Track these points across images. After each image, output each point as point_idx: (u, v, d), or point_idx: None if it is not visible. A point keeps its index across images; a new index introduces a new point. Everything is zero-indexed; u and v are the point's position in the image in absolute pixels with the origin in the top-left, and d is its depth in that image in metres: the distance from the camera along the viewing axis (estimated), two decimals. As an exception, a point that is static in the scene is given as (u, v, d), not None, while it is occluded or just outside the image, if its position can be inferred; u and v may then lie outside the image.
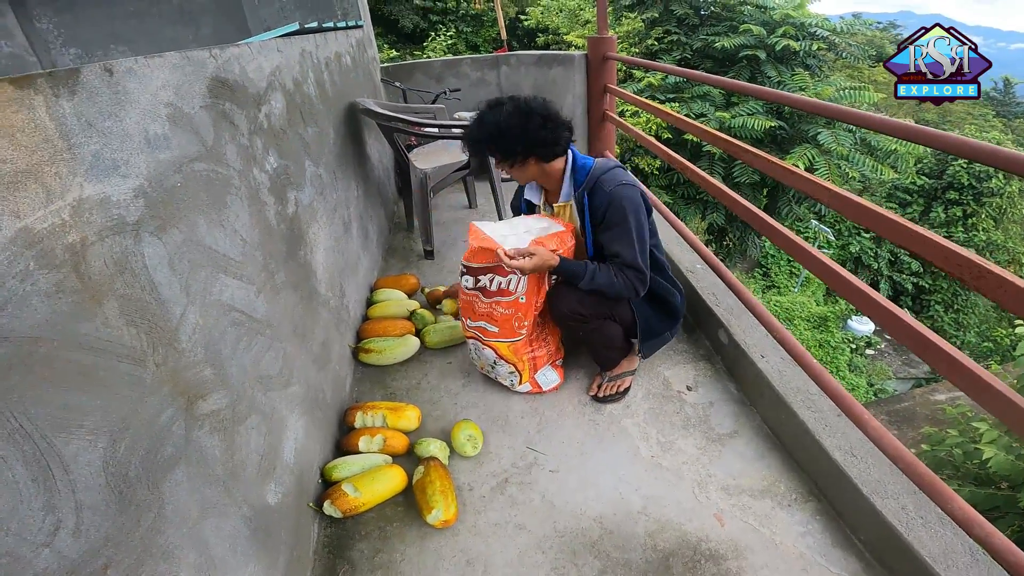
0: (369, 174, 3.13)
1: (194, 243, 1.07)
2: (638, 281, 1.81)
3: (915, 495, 1.41)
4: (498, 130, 1.78)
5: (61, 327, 0.73)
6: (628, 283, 1.81)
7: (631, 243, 1.79)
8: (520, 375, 2.04)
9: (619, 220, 1.79)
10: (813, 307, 12.63)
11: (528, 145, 1.81)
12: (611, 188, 1.80)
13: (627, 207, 1.79)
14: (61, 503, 0.71)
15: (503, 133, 1.78)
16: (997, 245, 15.10)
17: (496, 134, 1.79)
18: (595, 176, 1.84)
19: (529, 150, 1.83)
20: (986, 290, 1.04)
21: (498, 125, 1.78)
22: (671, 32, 11.52)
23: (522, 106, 1.80)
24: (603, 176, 1.83)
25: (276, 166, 1.59)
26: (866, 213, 1.38)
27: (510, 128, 1.77)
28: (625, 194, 1.80)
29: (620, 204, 1.79)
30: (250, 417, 1.24)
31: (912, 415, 9.66)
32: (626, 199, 1.79)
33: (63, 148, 0.76)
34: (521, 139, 1.79)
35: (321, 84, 2.29)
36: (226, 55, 1.33)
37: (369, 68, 3.90)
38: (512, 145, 1.81)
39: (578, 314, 1.91)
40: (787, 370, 1.87)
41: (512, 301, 1.89)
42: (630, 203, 1.80)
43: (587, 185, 1.85)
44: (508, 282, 1.88)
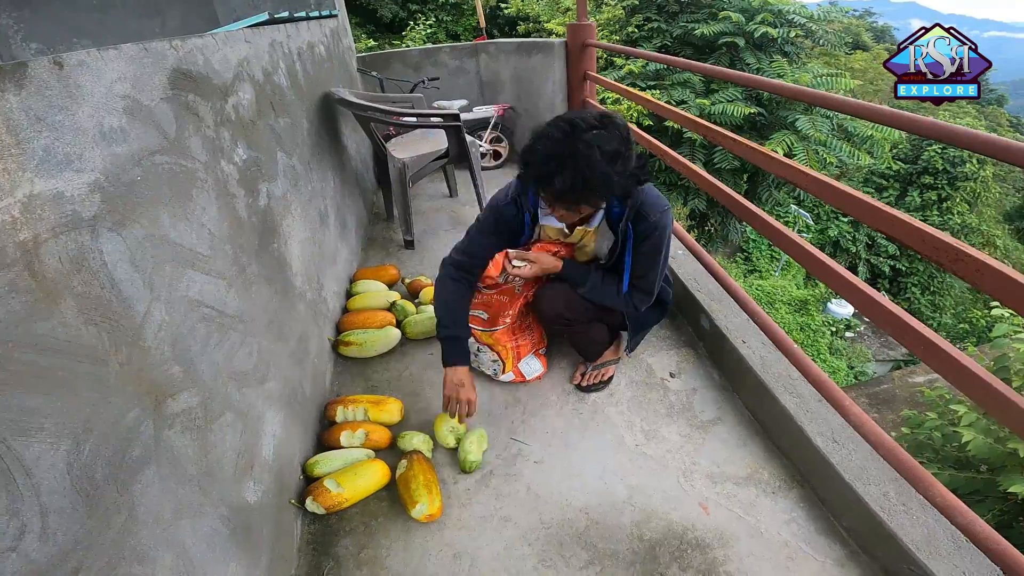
0: (346, 164, 3.08)
1: (157, 238, 1.03)
2: (643, 304, 1.80)
3: (897, 481, 1.42)
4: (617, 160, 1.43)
5: (15, 328, 0.70)
6: (630, 303, 1.78)
7: (657, 272, 1.74)
8: (503, 363, 2.02)
9: (656, 249, 1.70)
10: (794, 291, 12.76)
11: (635, 176, 1.51)
12: (656, 218, 1.64)
13: (666, 238, 1.69)
14: (25, 507, 0.69)
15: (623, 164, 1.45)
16: (972, 228, 15.37)
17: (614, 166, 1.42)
18: (636, 203, 1.64)
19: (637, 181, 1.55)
20: (963, 273, 1.04)
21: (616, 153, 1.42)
22: (651, 19, 11.51)
23: (623, 125, 1.47)
24: (646, 202, 1.64)
25: (246, 158, 1.55)
26: (845, 198, 1.38)
27: (625, 153, 1.45)
28: (667, 222, 1.67)
29: (662, 234, 1.67)
30: (224, 415, 1.21)
31: (892, 397, 9.81)
32: (666, 228, 1.67)
33: (11, 143, 0.72)
34: (632, 169, 1.48)
35: (293, 74, 2.24)
36: (188, 46, 1.29)
37: (344, 58, 3.85)
38: (627, 178, 1.48)
39: (563, 318, 1.89)
40: (769, 355, 1.87)
41: (508, 288, 1.88)
42: (666, 232, 1.68)
43: (630, 214, 1.65)
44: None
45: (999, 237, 16.46)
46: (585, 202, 1.51)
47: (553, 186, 1.43)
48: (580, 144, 1.38)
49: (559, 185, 1.42)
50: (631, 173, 1.47)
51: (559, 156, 1.40)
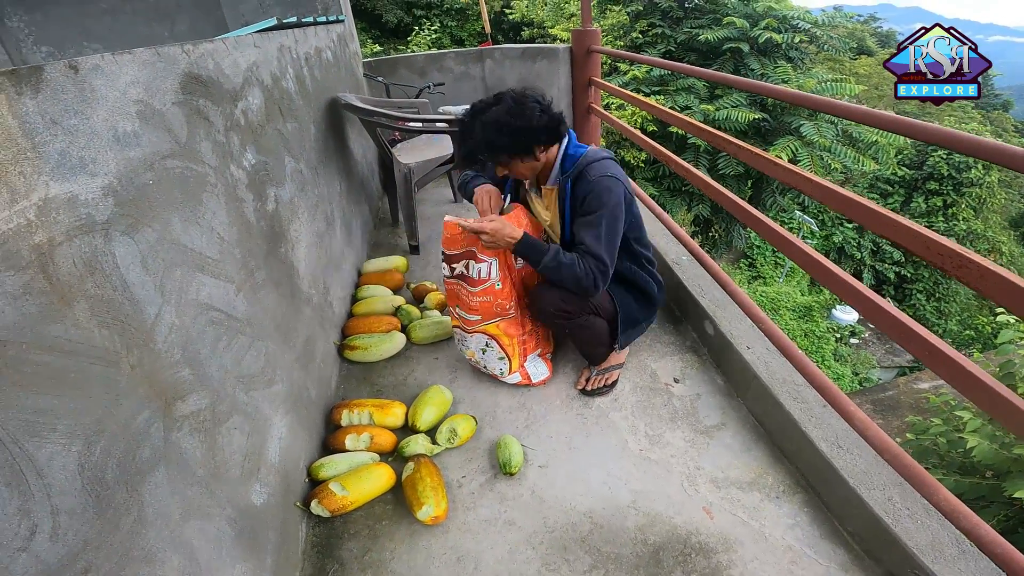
0: (352, 169, 3.10)
1: (168, 242, 1.05)
2: (598, 272, 1.76)
3: (901, 486, 1.42)
4: (502, 127, 1.69)
5: (29, 329, 0.71)
6: (588, 271, 1.75)
7: (599, 234, 1.76)
8: (510, 361, 2.02)
9: (594, 209, 1.76)
10: (798, 297, 12.72)
11: (535, 133, 1.72)
12: (595, 178, 1.76)
13: (604, 199, 1.75)
14: (36, 507, 0.70)
15: (510, 129, 1.69)
16: (977, 234, 15.30)
17: (502, 132, 1.69)
18: (583, 164, 1.80)
19: (536, 139, 1.74)
20: (967, 279, 1.04)
21: (499, 122, 1.69)
22: (655, 25, 11.55)
23: (517, 97, 1.73)
24: (590, 165, 1.79)
25: (254, 162, 1.57)
26: (849, 204, 1.38)
27: (514, 121, 1.69)
28: (606, 185, 1.75)
29: (599, 195, 1.75)
30: (232, 417, 1.22)
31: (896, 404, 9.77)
32: (606, 191, 1.75)
33: (27, 147, 0.74)
34: (528, 130, 1.70)
35: (301, 79, 2.25)
36: (199, 51, 1.30)
37: (351, 63, 3.87)
38: (521, 138, 1.72)
39: (562, 311, 1.89)
40: (773, 361, 1.87)
41: (489, 288, 1.88)
42: (609, 195, 1.75)
43: (573, 172, 1.81)
44: (482, 269, 1.86)
45: (1004, 243, 16.38)
46: (492, 161, 1.81)
47: (460, 153, 1.84)
48: (475, 122, 1.73)
49: (460, 155, 1.84)
50: (526, 133, 1.71)
51: (462, 134, 1.79)
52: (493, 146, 1.72)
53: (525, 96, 1.74)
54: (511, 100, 1.72)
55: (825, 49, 11.00)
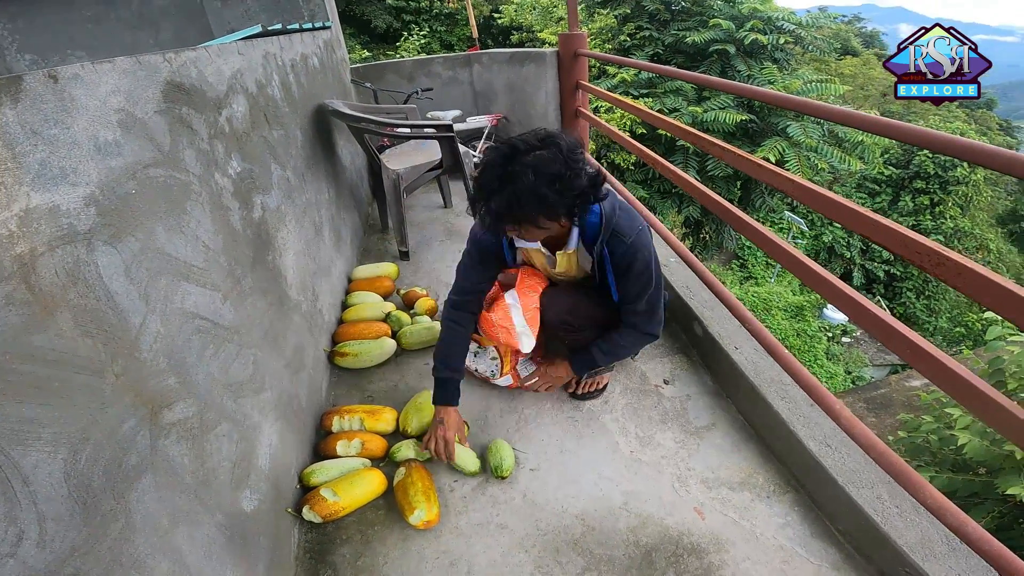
0: (340, 176, 3.10)
1: (152, 251, 1.04)
2: (654, 324, 1.81)
3: (890, 484, 1.43)
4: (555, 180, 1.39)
5: (12, 339, 0.71)
6: (641, 334, 1.82)
7: (651, 291, 1.72)
8: (502, 362, 2.03)
9: (643, 270, 1.67)
10: (790, 297, 12.78)
11: (584, 195, 1.47)
12: (632, 239, 1.63)
13: (649, 258, 1.67)
14: (22, 514, 0.70)
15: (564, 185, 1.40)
16: (965, 232, 15.43)
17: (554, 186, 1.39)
18: (611, 224, 1.62)
19: (584, 198, 1.48)
20: (946, 277, 1.06)
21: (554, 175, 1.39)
22: (643, 28, 11.61)
23: (571, 145, 1.43)
24: (620, 224, 1.63)
25: (240, 170, 1.56)
26: (830, 204, 1.40)
27: (566, 174, 1.40)
28: (644, 242, 1.65)
29: (644, 255, 1.65)
30: (220, 425, 1.22)
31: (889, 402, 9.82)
32: (645, 249, 1.65)
33: (7, 157, 0.74)
34: (578, 188, 1.43)
35: (287, 86, 2.25)
36: (181, 59, 1.30)
37: (338, 69, 3.87)
38: (567, 197, 1.43)
39: (568, 324, 1.89)
40: (761, 361, 1.88)
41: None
42: (649, 253, 1.67)
43: (605, 235, 1.63)
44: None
45: (992, 240, 16.52)
46: (527, 222, 1.47)
47: (491, 207, 1.44)
48: (518, 166, 1.39)
49: (495, 206, 1.43)
50: (578, 192, 1.44)
51: (498, 179, 1.41)
52: (543, 200, 1.40)
53: (574, 144, 1.45)
54: (566, 147, 1.42)
55: (810, 50, 11.10)
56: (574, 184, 1.41)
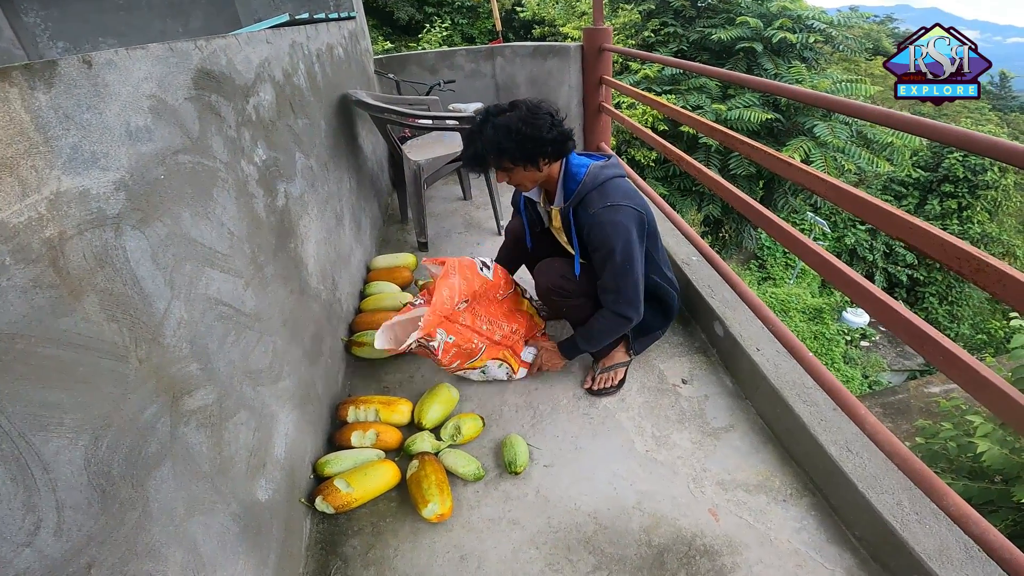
0: (362, 166, 3.10)
1: (179, 236, 1.05)
2: (625, 306, 1.83)
3: (910, 491, 1.40)
4: (512, 132, 1.69)
5: (39, 323, 0.72)
6: (615, 316, 1.86)
7: (615, 273, 1.78)
8: (510, 364, 2.04)
9: (600, 247, 1.77)
10: (808, 299, 12.64)
11: (543, 144, 1.72)
12: (596, 210, 1.75)
13: (610, 234, 1.74)
14: (41, 502, 0.70)
15: (519, 136, 1.69)
16: (992, 238, 15.13)
17: (511, 137, 1.69)
18: (583, 191, 1.79)
19: (543, 150, 1.74)
20: (985, 284, 1.03)
21: (510, 127, 1.69)
22: (668, 24, 11.49)
23: (532, 107, 1.73)
24: (591, 194, 1.79)
25: (265, 158, 1.57)
26: (864, 205, 1.37)
27: (524, 129, 1.69)
28: (609, 219, 1.74)
29: (604, 232, 1.75)
30: (239, 413, 1.23)
31: (907, 407, 9.70)
32: (610, 226, 1.74)
33: (39, 141, 0.74)
34: (537, 140, 1.71)
35: (312, 76, 2.26)
36: (212, 47, 1.31)
37: (362, 60, 3.87)
38: (528, 147, 1.71)
39: (561, 288, 1.94)
40: (783, 363, 1.86)
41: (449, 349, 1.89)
42: (615, 230, 1.74)
43: (574, 200, 1.81)
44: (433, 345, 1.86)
45: (1020, 247, 16.18)
46: (495, 165, 1.79)
47: (466, 156, 1.81)
48: (487, 125, 1.73)
49: (466, 155, 1.81)
50: (535, 142, 1.71)
51: (470, 135, 1.79)
52: (500, 149, 1.72)
53: (539, 107, 1.74)
54: (525, 108, 1.73)
55: (840, 50, 10.91)
56: (529, 135, 1.69)
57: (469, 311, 1.97)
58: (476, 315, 1.98)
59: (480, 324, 1.97)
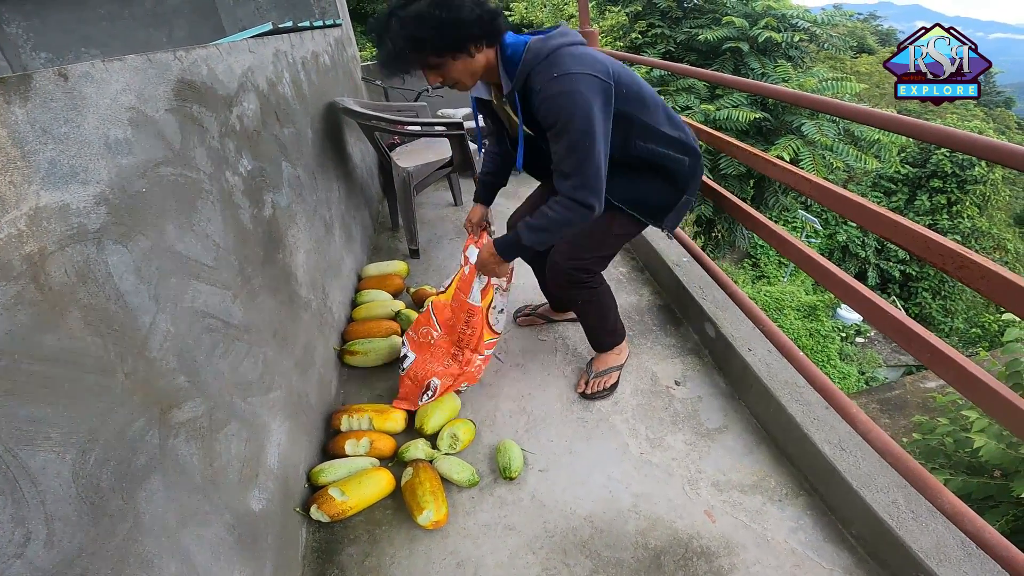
0: (351, 174, 3.10)
1: (163, 249, 1.04)
2: (583, 191, 1.53)
3: (905, 489, 1.41)
4: (424, 20, 1.42)
5: (21, 339, 0.71)
6: (569, 203, 1.55)
7: (569, 147, 1.50)
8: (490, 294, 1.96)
9: (553, 123, 1.50)
10: (803, 296, 12.70)
11: (466, 26, 1.45)
12: (542, 86, 1.49)
13: (563, 107, 1.47)
14: (30, 515, 0.70)
15: (435, 22, 1.42)
16: (982, 232, 15.27)
17: (425, 25, 1.42)
18: (527, 69, 1.53)
19: (468, 32, 1.46)
20: (968, 280, 1.03)
21: (421, 15, 1.41)
22: (655, 25, 11.57)
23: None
24: (535, 70, 1.51)
25: (250, 168, 1.56)
26: (847, 203, 1.38)
27: (439, 13, 1.42)
28: (558, 89, 1.47)
29: (554, 106, 1.48)
30: (229, 424, 1.22)
31: (903, 403, 9.75)
32: (560, 95, 1.47)
33: (16, 156, 0.73)
34: (457, 22, 1.43)
35: (297, 84, 2.25)
36: (192, 57, 1.30)
37: (349, 67, 3.88)
38: (448, 32, 1.44)
39: (580, 259, 1.81)
40: (774, 363, 1.86)
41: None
42: (568, 99, 1.47)
43: (518, 81, 1.55)
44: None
45: (1010, 240, 16.33)
46: (416, 64, 1.52)
47: (380, 62, 1.55)
48: (392, 19, 1.45)
49: (383, 59, 1.53)
50: (454, 26, 1.43)
51: (377, 37, 1.52)
52: (416, 42, 1.44)
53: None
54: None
55: (825, 48, 11.02)
56: (448, 19, 1.42)
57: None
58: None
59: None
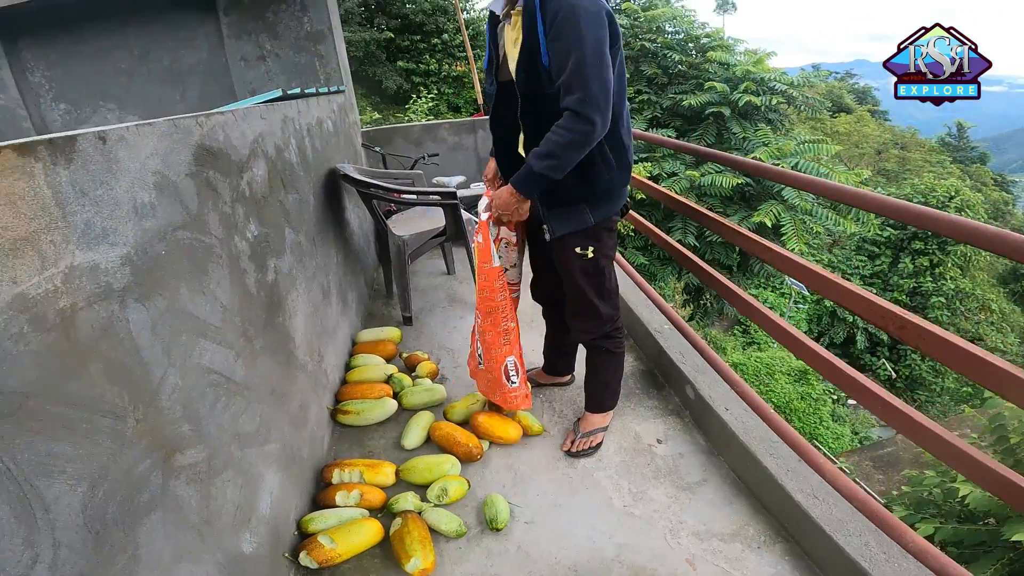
0: (349, 240, 3.20)
1: (176, 309, 1.13)
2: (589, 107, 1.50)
3: (876, 532, 1.47)
4: None
5: (49, 384, 0.79)
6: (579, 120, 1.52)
7: (582, 64, 1.49)
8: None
9: (567, 32, 1.50)
10: (793, 361, 12.71)
11: None
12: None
13: (583, 17, 1.48)
14: (40, 539, 0.75)
15: None
16: (966, 293, 15.41)
17: None
18: None
19: None
20: (907, 339, 1.13)
21: None
22: (641, 92, 11.99)
23: None
24: None
25: (257, 234, 1.66)
26: (798, 268, 1.48)
27: None
28: (579, 2, 1.49)
29: (574, 15, 1.48)
30: (226, 471, 1.28)
31: (896, 460, 9.69)
32: (582, 8, 1.48)
33: (58, 216, 0.82)
34: None
35: (302, 150, 2.38)
36: (211, 122, 1.41)
37: (350, 133, 4.04)
38: None
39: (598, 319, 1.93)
40: (750, 421, 1.94)
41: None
42: (587, 14, 1.48)
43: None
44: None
45: (994, 300, 16.49)
46: None
47: None
48: None
49: None
50: None
51: None
52: None
53: None
54: None
55: (802, 109, 11.32)
56: None
57: None
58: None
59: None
